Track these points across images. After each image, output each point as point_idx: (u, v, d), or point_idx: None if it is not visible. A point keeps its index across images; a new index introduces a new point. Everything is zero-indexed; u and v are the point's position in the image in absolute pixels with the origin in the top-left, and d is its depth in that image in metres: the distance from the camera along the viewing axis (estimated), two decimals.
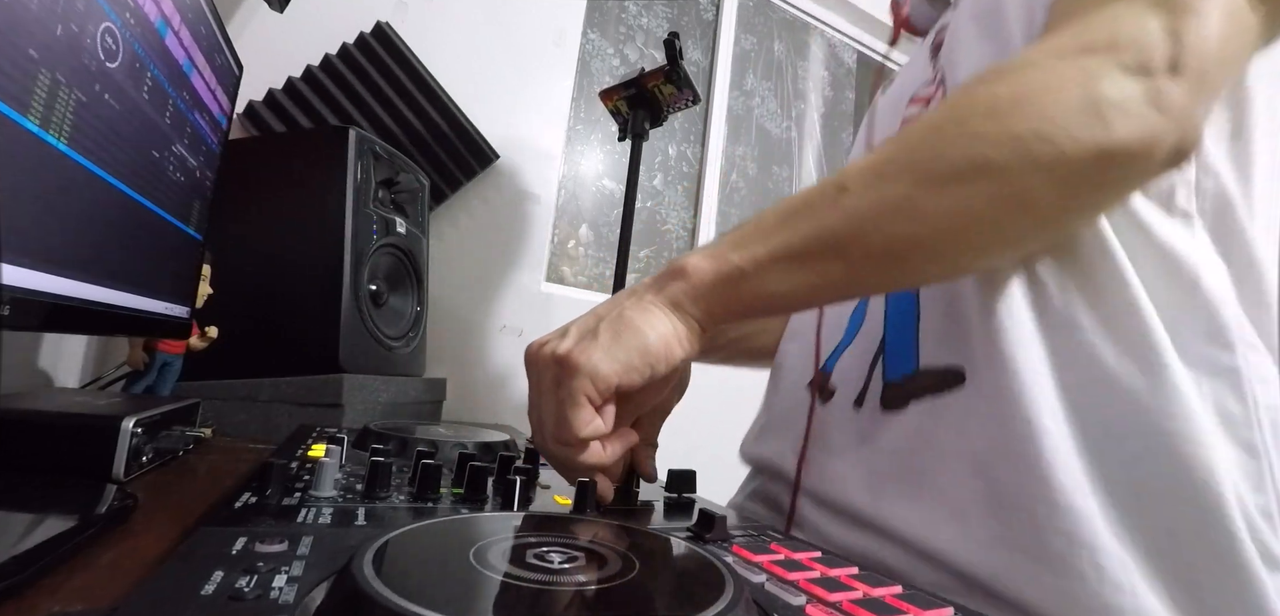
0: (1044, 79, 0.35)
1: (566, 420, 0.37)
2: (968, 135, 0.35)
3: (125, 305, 0.49)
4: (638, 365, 0.38)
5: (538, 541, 0.26)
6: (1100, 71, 0.34)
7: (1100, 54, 0.35)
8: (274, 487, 0.33)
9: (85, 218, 0.42)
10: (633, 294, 0.41)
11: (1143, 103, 0.34)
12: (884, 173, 0.37)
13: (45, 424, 0.44)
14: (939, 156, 0.36)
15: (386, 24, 1.41)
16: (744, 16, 2.19)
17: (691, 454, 0.57)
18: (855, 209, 0.37)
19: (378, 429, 0.55)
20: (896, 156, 0.37)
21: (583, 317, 0.41)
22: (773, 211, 0.40)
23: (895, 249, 0.37)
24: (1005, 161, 0.34)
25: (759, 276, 0.38)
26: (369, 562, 0.21)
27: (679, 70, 1.23)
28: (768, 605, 0.25)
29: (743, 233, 0.40)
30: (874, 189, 0.37)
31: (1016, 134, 0.34)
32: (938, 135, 0.37)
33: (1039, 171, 0.34)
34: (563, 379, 0.37)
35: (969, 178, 0.35)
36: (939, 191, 0.35)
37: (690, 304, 0.39)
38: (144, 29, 0.47)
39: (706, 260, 0.39)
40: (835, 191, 0.37)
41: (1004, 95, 0.35)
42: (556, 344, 0.39)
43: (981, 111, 0.36)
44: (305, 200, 0.98)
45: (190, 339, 0.76)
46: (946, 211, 0.35)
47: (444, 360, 1.46)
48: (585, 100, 1.86)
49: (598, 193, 1.90)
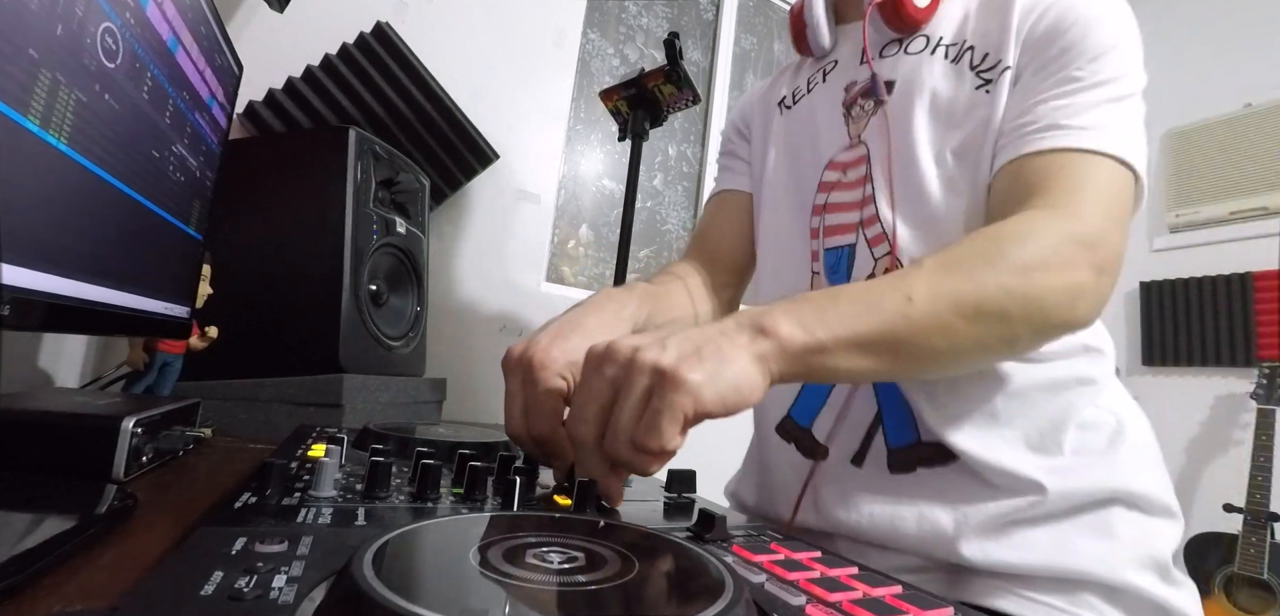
0: (1054, 263, 0.48)
1: (659, 430, 0.37)
2: (1001, 290, 0.47)
3: (125, 305, 0.49)
4: (730, 402, 0.39)
5: (538, 541, 0.26)
6: (1082, 267, 0.49)
7: (1085, 248, 0.49)
8: (274, 487, 0.33)
9: (85, 217, 0.42)
10: (725, 333, 0.42)
11: (1094, 296, 0.50)
12: (941, 296, 0.46)
13: (45, 424, 0.44)
14: (979, 298, 0.46)
15: (386, 24, 1.41)
16: (744, 16, 2.20)
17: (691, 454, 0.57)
18: (918, 321, 0.45)
19: (377, 429, 0.55)
20: (951, 285, 0.46)
21: (674, 333, 0.41)
22: (847, 297, 0.46)
23: (932, 356, 0.47)
24: (1016, 316, 0.47)
25: (835, 354, 0.44)
26: (369, 562, 0.21)
27: (679, 70, 1.24)
28: (768, 605, 0.25)
29: (820, 309, 0.44)
30: (931, 309, 0.45)
31: (1027, 298, 0.47)
32: (981, 280, 0.47)
33: (1030, 326, 0.49)
34: (665, 390, 0.38)
35: (992, 320, 0.47)
36: (970, 323, 0.46)
37: (774, 361, 0.42)
38: (144, 29, 0.47)
39: (797, 329, 0.43)
40: (904, 301, 0.45)
41: (1027, 264, 0.47)
42: (656, 353, 0.39)
43: (1012, 270, 0.47)
44: (305, 200, 0.98)
45: (190, 339, 0.76)
46: (970, 338, 0.47)
47: (444, 360, 1.46)
48: (585, 100, 1.86)
49: (598, 193, 1.90)
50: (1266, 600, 1.69)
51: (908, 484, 0.58)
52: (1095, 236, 0.50)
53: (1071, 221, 0.50)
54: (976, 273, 0.47)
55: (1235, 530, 1.76)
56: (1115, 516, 0.55)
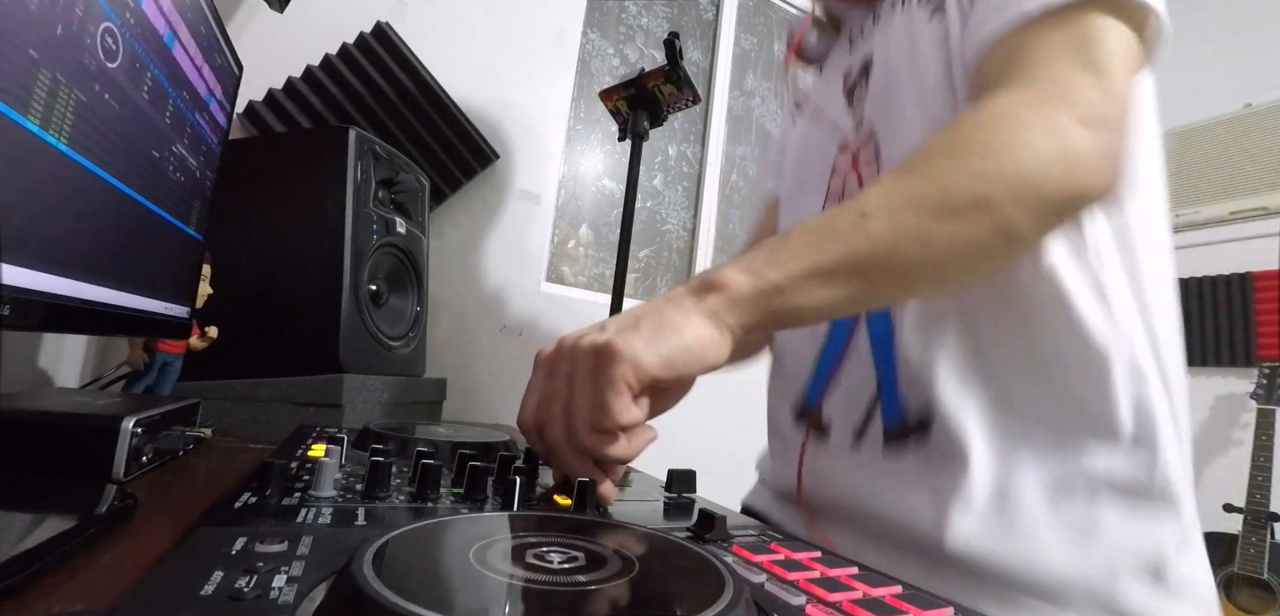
0: (1022, 132, 0.43)
1: (606, 406, 0.38)
2: (969, 174, 0.42)
3: (125, 305, 0.49)
4: (677, 361, 0.39)
5: (537, 541, 0.26)
6: (1062, 126, 0.43)
7: (1058, 107, 0.43)
8: (274, 487, 0.33)
9: (85, 218, 0.42)
10: (669, 300, 0.42)
11: (1096, 154, 0.43)
12: (900, 203, 0.42)
13: (45, 424, 0.44)
14: (945, 192, 0.42)
15: (386, 24, 1.41)
16: (744, 16, 2.20)
17: (691, 454, 0.57)
18: (877, 234, 0.41)
19: (378, 429, 0.55)
20: (909, 189, 0.43)
21: (619, 317, 0.42)
22: (798, 232, 0.43)
23: (909, 270, 0.43)
24: (999, 199, 0.42)
25: (791, 291, 0.41)
26: (369, 562, 0.21)
27: (679, 70, 1.23)
28: (768, 605, 0.25)
29: (772, 251, 0.43)
30: (893, 218, 0.42)
31: (1007, 175, 0.42)
32: (943, 171, 0.43)
33: (1023, 208, 0.43)
34: (602, 366, 0.38)
35: (970, 212, 0.42)
36: (946, 222, 0.42)
37: (727, 313, 0.41)
38: (144, 29, 0.47)
39: (743, 274, 0.42)
40: (858, 217, 0.42)
41: (993, 143, 0.42)
42: (594, 336, 0.40)
43: (977, 153, 0.42)
44: (305, 200, 0.98)
45: (190, 339, 0.76)
46: (951, 239, 0.42)
47: (444, 360, 1.46)
48: (585, 100, 1.86)
49: (598, 193, 1.90)
50: (1266, 600, 1.69)
51: (898, 468, 0.53)
52: (1068, 87, 0.44)
53: (1030, 85, 0.44)
54: (936, 167, 0.43)
55: (1235, 530, 1.76)
56: (1103, 510, 0.47)
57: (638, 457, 0.42)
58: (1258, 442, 1.77)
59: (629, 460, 0.41)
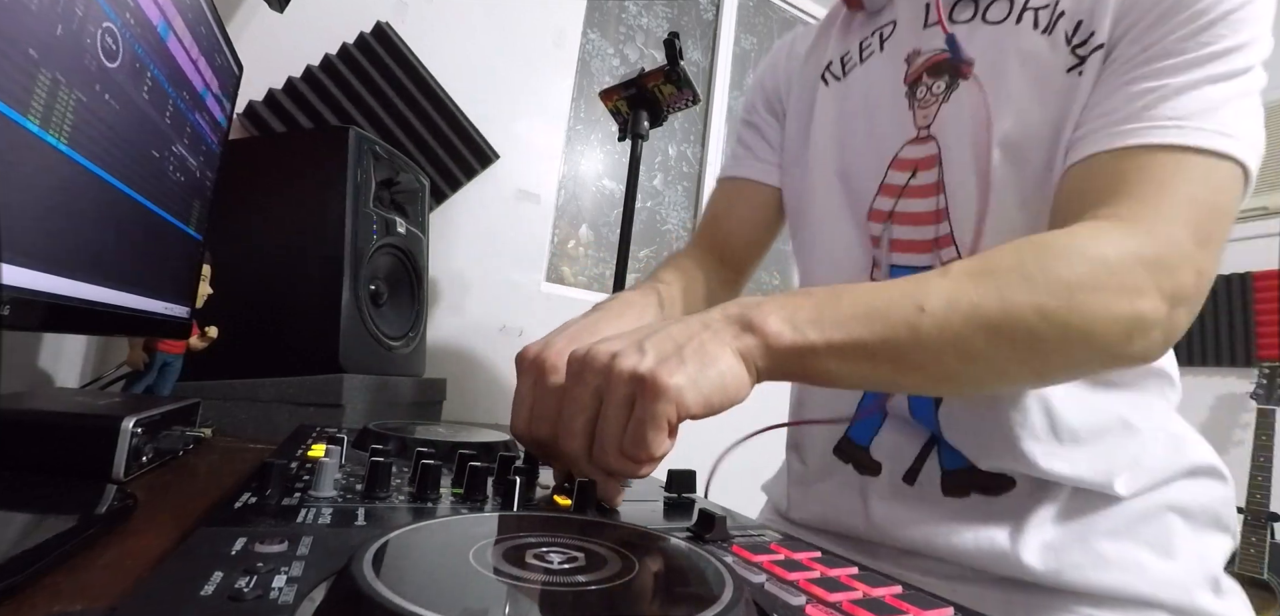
0: (1106, 291, 0.40)
1: (646, 440, 0.36)
2: (1036, 310, 0.40)
3: (125, 305, 0.49)
4: (715, 402, 0.38)
5: (537, 541, 0.26)
6: (1145, 292, 0.40)
7: (1150, 270, 0.40)
8: (274, 487, 0.33)
9: (85, 218, 0.42)
10: (708, 327, 0.40)
11: (1160, 330, 0.41)
12: (960, 311, 0.40)
13: (45, 424, 0.44)
14: (1004, 317, 0.40)
15: (386, 24, 1.41)
16: (744, 16, 2.20)
17: (691, 454, 0.57)
18: (926, 334, 0.40)
19: (377, 429, 0.55)
20: (974, 301, 0.40)
21: (655, 333, 0.39)
22: (851, 299, 0.41)
23: (941, 374, 0.42)
24: (1052, 344, 0.40)
25: (827, 358, 0.40)
26: (369, 562, 0.21)
27: (679, 70, 1.23)
28: (768, 605, 0.25)
29: (818, 310, 0.41)
30: (947, 323, 0.40)
31: (1068, 325, 0.40)
32: (1011, 294, 0.40)
33: (1068, 359, 0.42)
34: (646, 399, 0.36)
35: (1021, 344, 0.40)
36: (994, 344, 0.40)
37: (760, 359, 0.40)
38: (144, 29, 0.47)
39: (785, 326, 0.40)
40: (915, 311, 0.40)
41: (1070, 280, 0.40)
42: (634, 359, 0.37)
43: (1048, 288, 0.40)
44: (305, 200, 0.98)
45: (190, 339, 0.76)
46: (993, 361, 0.41)
47: (444, 360, 1.46)
48: (585, 100, 1.86)
49: (598, 193, 1.90)
50: (1266, 600, 1.69)
51: (962, 506, 0.53)
52: (1175, 256, 0.41)
53: (1144, 236, 0.41)
54: (1008, 285, 0.40)
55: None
56: (1175, 530, 0.50)
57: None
58: (1258, 442, 1.77)
59: (642, 478, 0.41)
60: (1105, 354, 0.42)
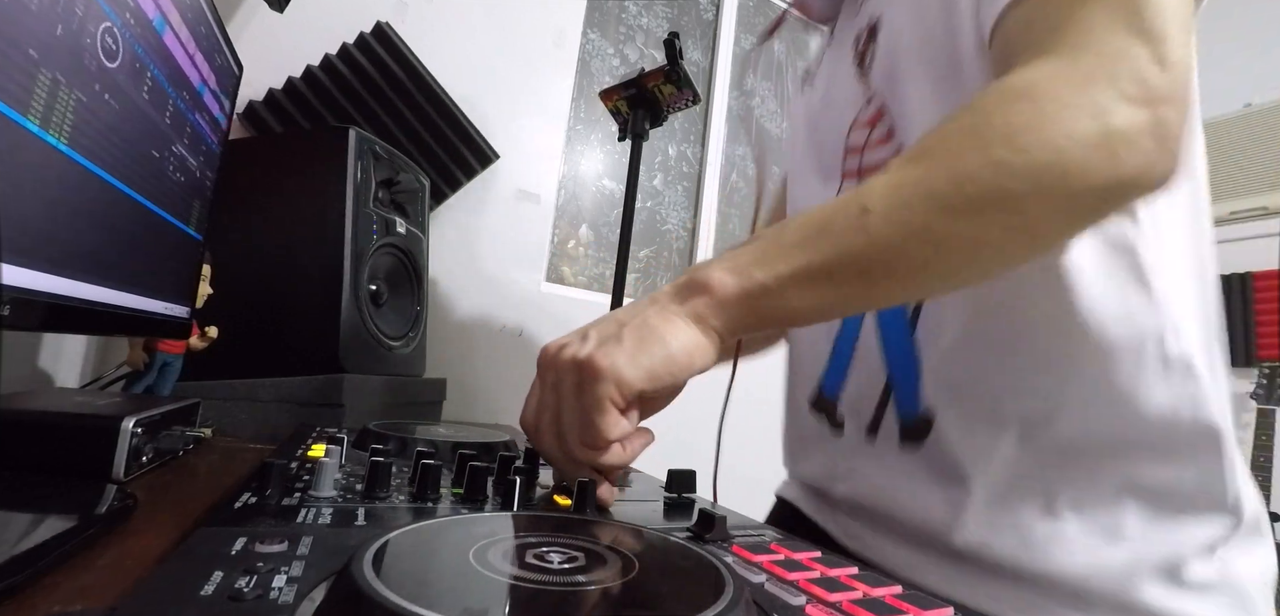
0: (1058, 109, 0.36)
1: (593, 425, 0.37)
2: (990, 165, 0.36)
3: (125, 305, 0.49)
4: (661, 373, 0.38)
5: (537, 541, 0.26)
6: (1109, 104, 0.35)
7: (1102, 83, 0.36)
8: (274, 487, 0.33)
9: (85, 217, 0.42)
10: (654, 302, 0.40)
11: (1147, 135, 0.36)
12: (906, 198, 0.37)
13: (45, 424, 0.44)
14: (960, 185, 0.36)
15: (386, 24, 1.41)
16: (744, 16, 2.20)
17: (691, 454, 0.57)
18: (878, 232, 0.37)
19: (378, 429, 0.55)
20: (918, 181, 0.37)
21: (602, 322, 0.40)
22: (793, 227, 0.40)
23: (913, 270, 0.38)
24: (1022, 193, 0.36)
25: (781, 293, 0.39)
26: (369, 562, 0.21)
27: (679, 70, 1.23)
28: (768, 605, 0.25)
29: (763, 248, 0.40)
30: (896, 214, 0.37)
31: (1035, 166, 0.35)
32: (958, 161, 0.37)
33: (1052, 203, 0.36)
34: (586, 384, 0.37)
35: (987, 209, 0.36)
36: (958, 219, 0.36)
37: (713, 317, 0.39)
38: (144, 29, 0.47)
39: (729, 275, 0.39)
40: (858, 213, 0.37)
41: (1020, 124, 0.36)
42: (577, 348, 0.38)
43: (1001, 139, 0.36)
44: (305, 200, 0.98)
45: (190, 339, 0.76)
46: (963, 239, 0.37)
47: (444, 360, 1.46)
48: (585, 100, 1.86)
49: (598, 193, 1.90)
50: None
51: (915, 461, 0.51)
52: (1121, 60, 0.36)
53: (1082, 54, 0.37)
54: (951, 155, 0.37)
55: None
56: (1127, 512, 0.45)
57: (637, 459, 0.42)
58: (1258, 442, 1.77)
59: (626, 464, 0.41)
60: (1096, 183, 0.36)
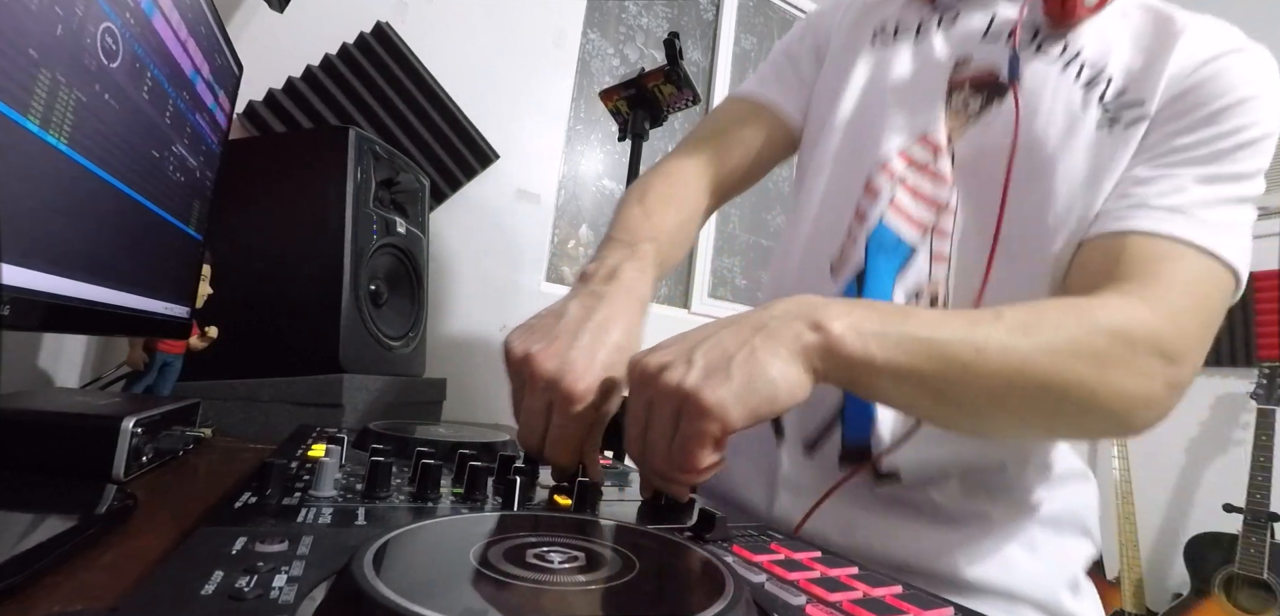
0: (1131, 374, 0.43)
1: (690, 455, 0.37)
2: (1074, 377, 0.42)
3: (125, 305, 0.49)
4: (763, 412, 0.37)
5: (538, 541, 0.26)
6: (1158, 379, 0.44)
7: (1167, 360, 0.44)
8: (274, 487, 0.33)
9: (85, 217, 0.42)
10: (763, 329, 0.39)
11: (1158, 412, 0.45)
12: (1009, 360, 0.41)
13: (45, 424, 0.44)
14: (1045, 376, 0.42)
15: (386, 24, 1.41)
16: (744, 16, 2.20)
17: None
18: (975, 376, 0.41)
19: (378, 429, 0.55)
20: (1024, 356, 0.42)
21: (707, 341, 0.39)
22: (919, 324, 0.41)
23: (983, 416, 0.44)
24: (1076, 408, 0.43)
25: (883, 375, 0.40)
26: (369, 562, 0.21)
27: (679, 70, 1.24)
28: (768, 605, 0.25)
29: (883, 322, 0.41)
30: (995, 369, 0.41)
31: (1095, 397, 0.42)
32: (1055, 365, 0.42)
33: (1083, 424, 0.46)
34: (690, 416, 0.36)
35: (1052, 402, 0.43)
36: (1029, 399, 0.43)
37: (820, 362, 0.39)
38: (144, 29, 0.47)
39: (850, 333, 0.39)
40: (974, 353, 0.41)
41: (1104, 354, 0.43)
42: (681, 373, 0.37)
43: (1086, 357, 0.42)
44: (305, 200, 0.98)
45: (190, 339, 0.76)
46: (1023, 413, 0.44)
47: (444, 360, 1.46)
48: (585, 100, 1.86)
49: (598, 193, 1.90)
50: (1266, 600, 1.69)
51: (850, 488, 0.54)
52: (1181, 350, 0.45)
53: (1164, 324, 0.44)
54: (1054, 344, 0.42)
55: (1235, 530, 1.76)
56: (1041, 537, 0.55)
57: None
58: (1258, 442, 1.77)
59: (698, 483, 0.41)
60: (1113, 424, 0.46)
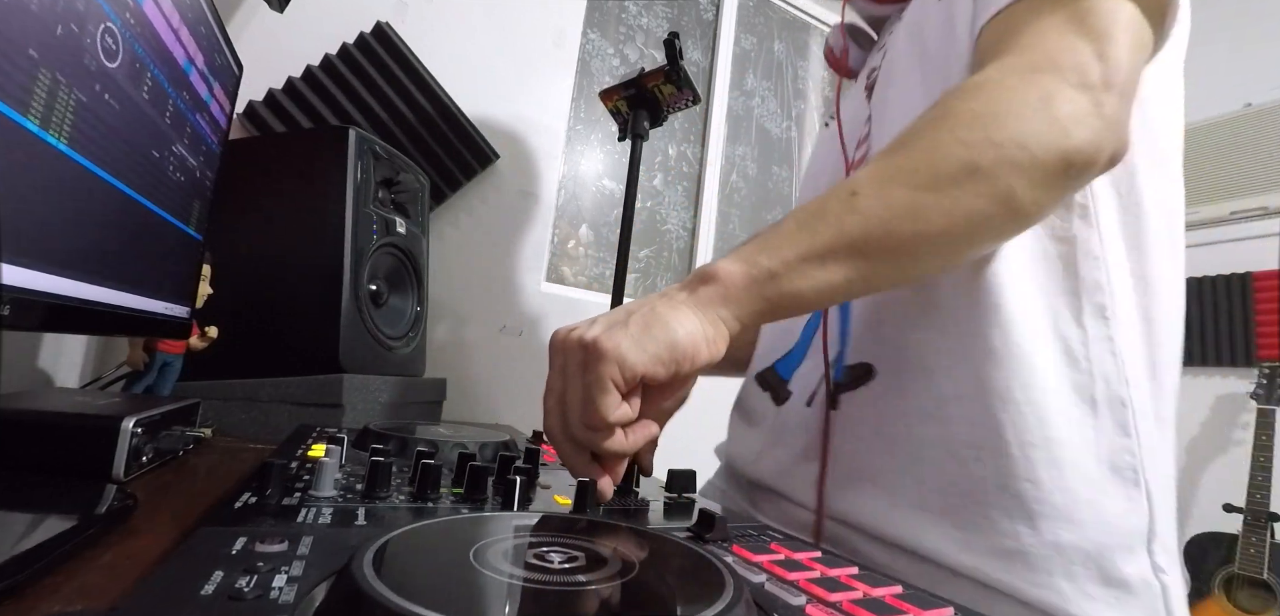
0: (1009, 97, 0.42)
1: (593, 403, 0.38)
2: (958, 143, 0.41)
3: (125, 305, 0.49)
4: (665, 358, 0.39)
5: (538, 541, 0.26)
6: (1054, 90, 0.41)
7: (1048, 73, 0.42)
8: (274, 487, 0.33)
9: (85, 217, 0.42)
10: (664, 295, 0.42)
11: (1091, 114, 0.41)
12: (888, 177, 0.42)
13: (45, 424, 0.44)
14: (934, 163, 0.41)
15: (386, 24, 1.41)
16: (744, 16, 2.19)
17: (691, 454, 0.57)
18: (868, 211, 0.41)
19: (378, 429, 0.55)
20: (897, 164, 0.42)
21: (612, 312, 0.42)
22: (792, 219, 0.43)
23: (905, 246, 0.42)
24: (991, 166, 0.40)
25: (788, 278, 0.41)
26: (369, 562, 0.21)
27: (679, 70, 1.23)
28: (768, 605, 0.25)
29: (765, 238, 0.42)
30: (882, 194, 0.41)
31: (997, 141, 0.40)
32: (930, 144, 0.42)
33: (1018, 173, 0.41)
34: (590, 363, 0.38)
35: (962, 180, 0.41)
36: (938, 194, 0.41)
37: (722, 306, 0.41)
38: (144, 29, 0.47)
39: (736, 265, 0.41)
40: (847, 196, 0.41)
41: (980, 110, 0.41)
42: (584, 330, 0.40)
43: (964, 123, 0.41)
44: (305, 200, 0.98)
45: (190, 339, 0.76)
46: (946, 211, 0.41)
47: (444, 360, 1.46)
48: (585, 100, 1.86)
49: (598, 193, 1.90)
50: (1266, 600, 1.69)
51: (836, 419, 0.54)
52: (1064, 54, 0.42)
53: (1033, 51, 0.43)
54: (922, 139, 0.42)
55: (1235, 530, 1.76)
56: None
57: (635, 451, 0.42)
58: (1258, 442, 1.77)
59: (627, 454, 0.41)
60: (1050, 152, 0.41)
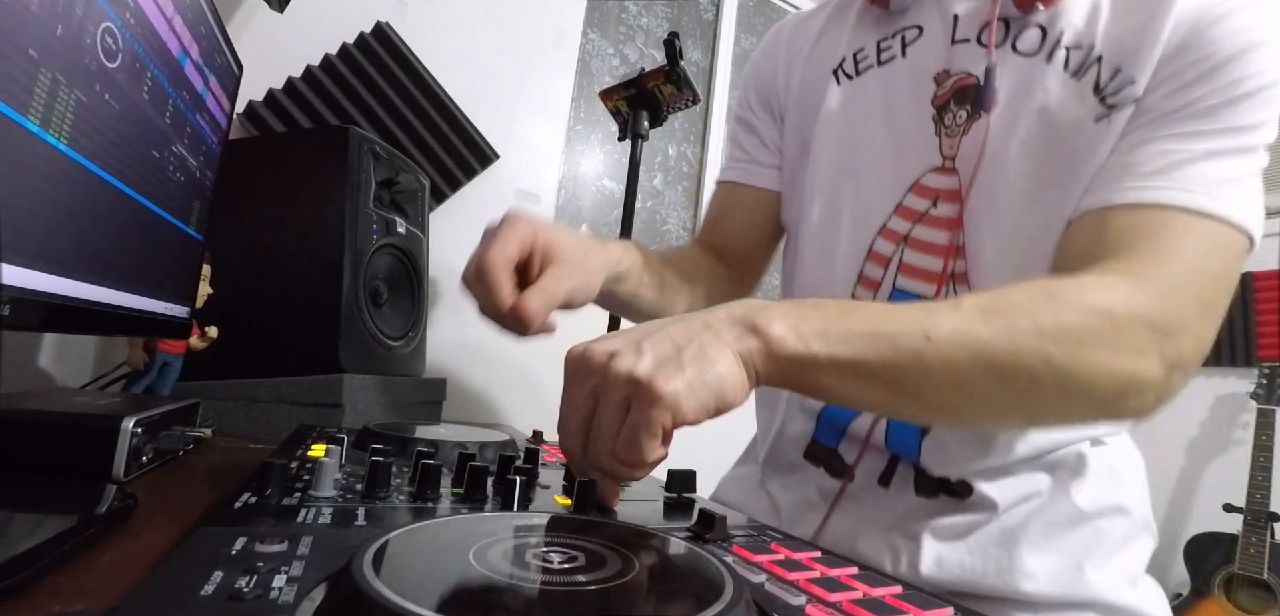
0: (1110, 348, 0.40)
1: (639, 445, 0.35)
2: (1039, 356, 0.40)
3: (125, 305, 0.49)
4: (711, 408, 0.37)
5: (538, 541, 0.26)
6: (1146, 354, 0.41)
7: (1154, 334, 0.41)
8: (274, 487, 0.33)
9: (85, 217, 0.42)
10: (710, 328, 0.39)
11: (1154, 393, 0.42)
12: (969, 351, 0.39)
13: (45, 424, 0.44)
14: (1009, 360, 0.39)
15: (386, 24, 1.41)
16: (744, 16, 2.19)
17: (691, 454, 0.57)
18: (930, 364, 0.39)
19: (378, 429, 0.55)
20: (979, 336, 0.40)
21: (654, 333, 0.38)
22: (859, 317, 0.40)
23: (942, 406, 0.42)
24: (1050, 392, 0.40)
25: (828, 373, 0.39)
26: (369, 562, 0.21)
27: (679, 70, 1.23)
28: (768, 605, 0.25)
29: (826, 321, 0.40)
30: (950, 356, 0.39)
31: (1069, 377, 0.40)
32: (1019, 341, 0.40)
33: (1063, 408, 0.42)
34: (641, 405, 0.35)
35: (1020, 387, 0.40)
36: (995, 385, 0.40)
37: (760, 364, 0.39)
38: (144, 29, 0.47)
39: (789, 334, 0.39)
40: (922, 338, 0.39)
41: (1077, 331, 0.40)
42: (631, 361, 0.36)
43: (1055, 337, 0.40)
44: (305, 200, 0.98)
45: (190, 339, 0.76)
46: (990, 399, 0.41)
47: (444, 360, 1.46)
48: (585, 100, 1.86)
49: (598, 193, 1.90)
50: (1266, 600, 1.69)
51: (918, 513, 0.55)
52: (1178, 322, 0.42)
53: (1153, 298, 0.41)
54: (1017, 329, 0.40)
55: (1235, 530, 1.76)
56: (1110, 530, 0.53)
57: None
58: (1258, 442, 1.77)
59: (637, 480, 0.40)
60: (1099, 408, 0.43)
